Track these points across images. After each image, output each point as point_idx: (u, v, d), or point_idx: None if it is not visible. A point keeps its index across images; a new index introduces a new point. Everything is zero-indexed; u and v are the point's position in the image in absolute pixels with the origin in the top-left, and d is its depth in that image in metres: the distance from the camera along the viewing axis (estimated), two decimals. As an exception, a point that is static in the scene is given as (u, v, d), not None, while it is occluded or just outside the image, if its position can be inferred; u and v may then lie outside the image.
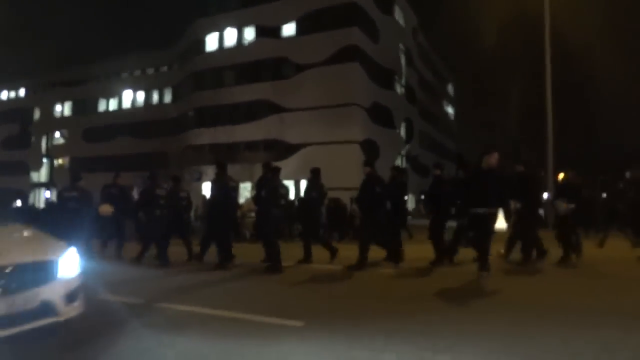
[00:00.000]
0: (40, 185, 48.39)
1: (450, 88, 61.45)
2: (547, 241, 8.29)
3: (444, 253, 8.15)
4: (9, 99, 53.62)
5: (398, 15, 39.08)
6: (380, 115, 34.62)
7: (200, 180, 27.35)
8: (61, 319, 3.35)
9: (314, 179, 9.32)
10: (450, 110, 61.19)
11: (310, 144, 31.89)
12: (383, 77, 35.25)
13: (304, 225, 9.99)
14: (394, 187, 8.69)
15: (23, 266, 3.21)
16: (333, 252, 8.73)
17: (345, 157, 30.21)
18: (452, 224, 8.46)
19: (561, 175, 9.98)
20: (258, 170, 31.27)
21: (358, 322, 4.12)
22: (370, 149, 32.56)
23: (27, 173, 48.94)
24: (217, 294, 5.81)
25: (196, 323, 4.18)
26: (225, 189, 8.57)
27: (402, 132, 39.24)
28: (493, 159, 6.84)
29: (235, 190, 9.24)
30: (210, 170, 31.85)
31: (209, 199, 10.26)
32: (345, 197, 21.12)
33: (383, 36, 35.25)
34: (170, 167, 37.68)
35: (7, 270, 3.11)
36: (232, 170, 30.39)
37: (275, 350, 3.41)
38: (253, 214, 12.73)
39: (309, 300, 5.33)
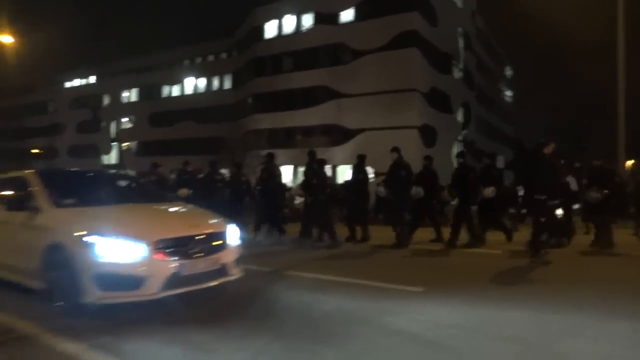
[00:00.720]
0: (110, 167, 51.70)
1: (508, 71, 59.51)
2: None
3: (476, 237, 8.76)
4: (80, 86, 57.27)
5: (456, -3, 38.32)
6: (438, 100, 34.38)
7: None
8: (232, 279, 4.20)
9: (360, 164, 10.29)
10: (508, 94, 59.36)
11: (367, 130, 32.30)
12: (441, 61, 34.87)
13: (351, 207, 10.51)
14: (425, 175, 9.54)
15: (211, 235, 4.08)
16: (367, 235, 9.62)
17: (403, 143, 29.84)
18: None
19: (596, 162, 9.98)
20: (318, 154, 31.91)
21: (468, 290, 4.76)
22: (428, 134, 32.59)
23: (98, 156, 52.42)
24: (342, 265, 6.74)
25: (331, 287, 4.94)
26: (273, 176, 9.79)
27: (460, 117, 38.74)
28: (550, 148, 7.24)
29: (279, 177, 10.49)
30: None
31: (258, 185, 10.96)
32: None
33: (441, 20, 34.76)
34: (229, 152, 39.43)
35: (203, 237, 4.01)
36: (290, 154, 31.50)
37: (406, 309, 4.09)
38: (298, 200, 14.00)
39: (421, 271, 6.08)
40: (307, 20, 36.10)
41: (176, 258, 3.82)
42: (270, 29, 38.04)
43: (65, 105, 56.78)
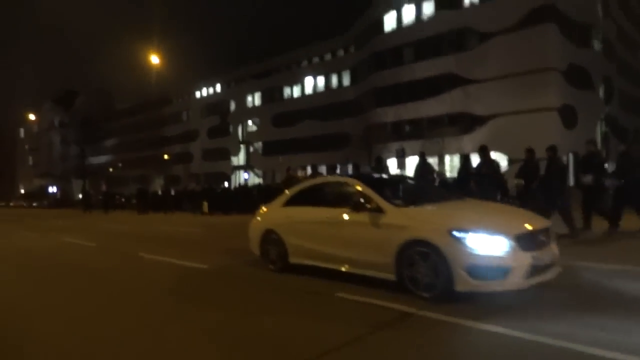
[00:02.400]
0: (239, 167, 55.99)
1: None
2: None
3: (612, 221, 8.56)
4: (208, 95, 62.60)
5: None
6: (577, 77, 31.85)
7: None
8: (561, 271, 4.60)
9: (484, 156, 10.06)
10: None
11: (499, 115, 31.09)
12: (579, 33, 32.21)
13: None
14: (552, 168, 9.03)
15: (547, 229, 4.64)
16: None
17: (542, 126, 28.77)
18: None
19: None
20: (448, 144, 31.63)
21: None
22: (568, 115, 30.44)
23: (229, 158, 56.98)
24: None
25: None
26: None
27: (601, 93, 35.46)
28: None
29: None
30: (396, 147, 33.48)
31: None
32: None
33: (577, -12, 32.05)
34: (353, 147, 40.45)
35: (543, 230, 4.57)
36: (416, 145, 31.34)
37: None
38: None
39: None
40: (428, 7, 35.61)
41: (531, 250, 4.23)
42: (389, 21, 38.19)
43: (197, 113, 62.52)
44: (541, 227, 4.57)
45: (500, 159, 25.63)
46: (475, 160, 11.07)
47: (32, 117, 73.23)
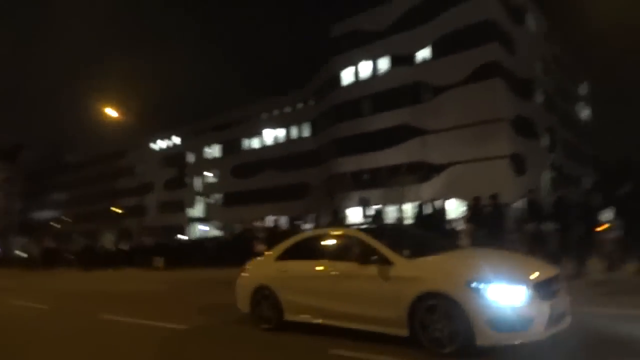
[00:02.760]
0: (196, 219, 54.48)
1: (583, 89, 57.54)
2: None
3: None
4: (166, 148, 61.62)
5: (530, 22, 38.25)
6: (524, 128, 33.87)
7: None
8: (567, 325, 4.39)
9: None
10: (585, 112, 57.15)
11: (455, 163, 32.25)
12: (522, 88, 34.57)
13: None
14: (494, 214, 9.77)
15: (558, 276, 4.53)
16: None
17: (494, 173, 30.05)
18: None
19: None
20: (407, 192, 31.92)
21: None
22: (517, 163, 32.00)
23: (184, 210, 55.46)
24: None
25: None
26: None
27: (546, 142, 37.74)
28: None
29: None
30: (359, 196, 33.81)
31: None
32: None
33: (518, 47, 34.76)
34: (313, 197, 40.55)
35: (555, 278, 4.45)
36: (376, 194, 31.85)
37: None
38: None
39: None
40: (384, 63, 37.34)
41: (548, 299, 4.13)
42: (347, 76, 39.62)
43: (153, 165, 61.10)
44: (554, 274, 4.50)
45: (456, 205, 26.41)
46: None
47: (-28, 171, 69.04)
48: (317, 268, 5.48)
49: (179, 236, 49.80)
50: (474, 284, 4.13)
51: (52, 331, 7.25)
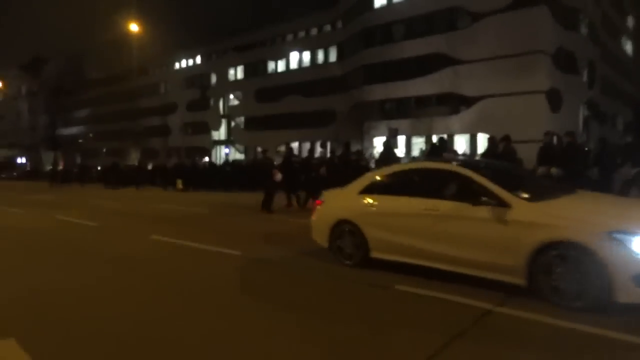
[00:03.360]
0: (220, 142, 54.92)
1: (630, 21, 53.71)
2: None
3: None
4: (188, 67, 60.67)
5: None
6: (565, 61, 32.20)
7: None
8: None
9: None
10: (629, 47, 53.81)
11: (488, 96, 31.22)
12: (568, 17, 32.39)
13: None
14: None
15: None
16: None
17: (529, 108, 29.13)
18: None
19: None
20: (436, 124, 31.51)
21: None
22: (554, 99, 30.83)
23: (209, 132, 55.75)
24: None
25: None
26: None
27: (585, 77, 35.99)
28: None
29: None
30: (387, 126, 33.32)
31: None
32: (531, 151, 20.36)
33: (566, -29, 32.10)
34: (339, 124, 40.11)
35: None
36: (404, 124, 31.30)
37: None
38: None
39: None
40: (420, -15, 35.06)
41: None
42: (379, -2, 37.52)
43: (176, 85, 60.63)
44: None
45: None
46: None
47: (-2, 84, 69.66)
48: (414, 205, 5.09)
49: (206, 159, 50.61)
50: (617, 235, 3.79)
51: (110, 250, 7.48)
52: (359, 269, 5.53)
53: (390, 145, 12.07)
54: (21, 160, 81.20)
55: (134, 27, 40.86)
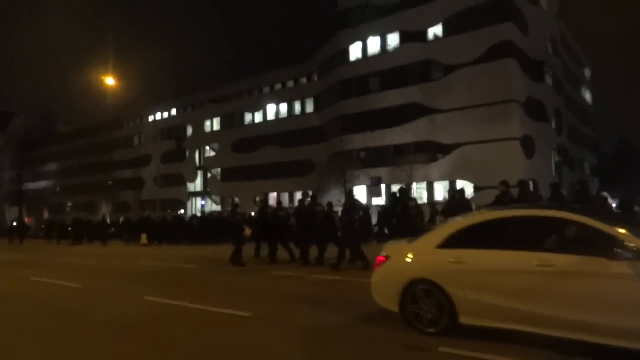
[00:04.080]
0: (196, 194, 53.95)
1: (587, 73, 57.27)
2: None
3: None
4: (163, 119, 60.45)
5: (542, 3, 37.53)
6: (534, 110, 33.61)
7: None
8: None
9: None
10: (588, 96, 57.03)
11: (465, 144, 31.96)
12: (534, 69, 34.13)
13: None
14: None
15: None
16: None
17: (504, 155, 29.87)
18: None
19: None
20: (415, 172, 31.57)
21: None
22: (528, 145, 31.83)
23: (184, 184, 54.79)
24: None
25: None
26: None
27: (553, 125, 37.55)
28: None
29: None
30: (364, 175, 33.52)
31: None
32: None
33: (531, 27, 34.16)
34: (317, 174, 40.14)
35: None
36: (384, 172, 31.45)
37: None
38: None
39: None
40: (394, 39, 36.51)
41: None
42: (355, 51, 38.74)
43: (151, 137, 60.06)
44: None
45: (465, 186, 26.12)
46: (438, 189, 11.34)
47: (-37, 138, 67.41)
48: (520, 260, 4.40)
49: (181, 211, 49.40)
50: None
51: (105, 317, 6.77)
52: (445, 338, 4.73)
53: (351, 196, 12.01)
54: (-17, 216, 77.36)
55: (110, 81, 40.76)
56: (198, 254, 16.16)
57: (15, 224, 42.23)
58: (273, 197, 44.53)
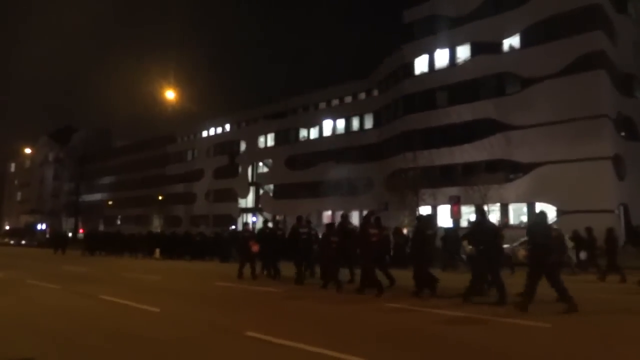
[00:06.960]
0: (247, 210, 53.04)
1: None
2: None
3: None
4: (216, 134, 60.51)
5: (630, 10, 34.41)
6: (625, 127, 30.44)
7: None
8: None
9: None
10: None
11: (545, 163, 29.14)
12: (624, 82, 31.05)
13: None
14: None
15: None
16: None
17: (592, 176, 26.88)
18: None
19: None
20: (489, 192, 28.42)
21: None
22: (619, 165, 28.66)
23: (236, 200, 54.09)
24: None
25: None
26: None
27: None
28: None
29: None
30: (428, 195, 31.19)
31: None
32: (598, 222, 17.68)
33: (619, 37, 31.20)
34: (376, 192, 38.14)
35: None
36: (452, 192, 28.86)
37: None
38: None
39: None
40: (463, 51, 34.42)
41: None
42: (420, 65, 36.86)
43: (203, 152, 60.16)
44: None
45: (546, 209, 23.33)
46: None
47: (27, 151, 70.29)
48: None
49: (232, 227, 48.51)
50: None
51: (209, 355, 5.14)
52: None
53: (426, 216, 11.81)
54: (41, 226, 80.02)
55: (170, 94, 40.70)
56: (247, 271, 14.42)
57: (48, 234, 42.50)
58: (327, 215, 42.87)
